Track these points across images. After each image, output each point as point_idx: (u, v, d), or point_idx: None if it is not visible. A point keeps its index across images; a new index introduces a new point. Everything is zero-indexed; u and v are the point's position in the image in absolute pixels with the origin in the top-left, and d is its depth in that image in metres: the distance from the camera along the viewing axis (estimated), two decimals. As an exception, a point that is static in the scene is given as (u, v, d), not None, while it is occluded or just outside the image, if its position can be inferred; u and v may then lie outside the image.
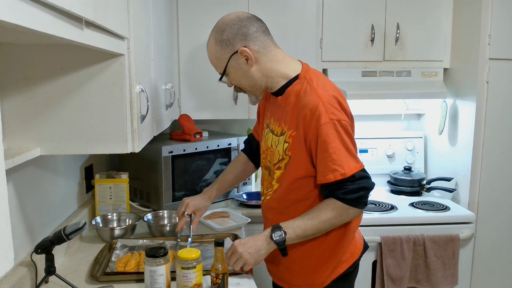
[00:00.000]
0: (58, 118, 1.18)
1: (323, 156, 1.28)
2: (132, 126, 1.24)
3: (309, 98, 1.30)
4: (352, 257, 1.44)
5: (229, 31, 1.34)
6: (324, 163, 1.28)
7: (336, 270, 1.42)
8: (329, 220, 1.31)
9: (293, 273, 1.45)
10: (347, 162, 1.27)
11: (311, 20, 2.32)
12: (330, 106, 1.28)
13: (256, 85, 1.40)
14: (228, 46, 1.35)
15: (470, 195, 2.31)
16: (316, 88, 1.32)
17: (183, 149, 2.09)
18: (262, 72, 1.38)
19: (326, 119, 1.26)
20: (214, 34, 1.38)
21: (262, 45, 1.36)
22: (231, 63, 1.37)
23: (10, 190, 1.25)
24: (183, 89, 2.32)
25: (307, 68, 1.42)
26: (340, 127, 1.27)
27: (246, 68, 1.37)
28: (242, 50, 1.33)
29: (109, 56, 1.16)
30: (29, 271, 1.29)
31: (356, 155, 1.32)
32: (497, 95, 2.23)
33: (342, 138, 1.27)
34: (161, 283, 1.25)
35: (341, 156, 1.27)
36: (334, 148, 1.27)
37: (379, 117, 2.79)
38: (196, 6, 2.26)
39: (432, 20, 2.41)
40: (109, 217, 1.86)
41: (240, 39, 1.34)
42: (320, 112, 1.27)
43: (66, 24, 0.75)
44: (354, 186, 1.28)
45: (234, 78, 1.41)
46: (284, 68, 1.39)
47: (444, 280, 2.17)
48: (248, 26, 1.35)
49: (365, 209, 2.24)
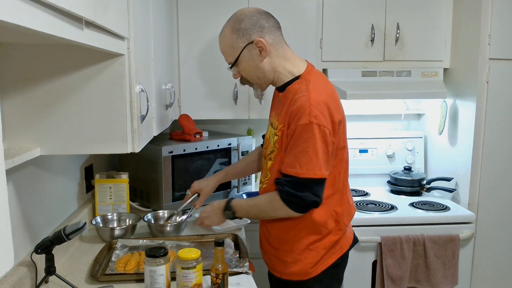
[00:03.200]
0: (58, 118, 1.18)
1: (292, 151, 1.35)
2: (132, 126, 1.24)
3: (300, 98, 1.36)
4: (341, 249, 1.51)
5: (247, 21, 1.41)
6: (290, 156, 1.36)
7: (326, 261, 1.48)
8: (266, 212, 1.45)
9: (283, 263, 1.51)
10: (308, 164, 1.32)
11: (311, 20, 2.32)
12: (316, 109, 1.32)
13: (264, 78, 1.47)
14: (244, 35, 1.41)
15: (470, 195, 2.31)
16: (310, 90, 1.37)
17: (183, 149, 2.09)
18: (272, 66, 1.45)
19: (306, 121, 1.31)
20: (231, 23, 1.44)
21: (276, 40, 1.44)
22: (244, 52, 1.42)
23: (10, 190, 1.25)
24: (183, 89, 2.32)
25: (310, 69, 1.48)
26: (318, 131, 1.32)
27: (258, 60, 1.43)
28: (258, 40, 1.40)
29: (109, 56, 1.16)
30: (29, 271, 1.29)
31: (324, 163, 1.34)
32: (497, 95, 2.23)
33: (315, 142, 1.32)
34: (161, 283, 1.25)
35: (305, 157, 1.32)
36: (303, 148, 1.32)
37: (379, 117, 2.79)
38: (196, 6, 2.26)
39: (432, 20, 2.41)
40: (109, 217, 1.86)
41: (257, 30, 1.41)
42: (304, 112, 1.32)
43: (66, 24, 0.75)
44: (293, 191, 1.34)
45: (245, 68, 1.46)
46: (291, 66, 1.46)
47: (444, 280, 2.17)
48: (266, 19, 1.43)
49: (365, 209, 2.27)
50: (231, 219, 1.56)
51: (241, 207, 1.51)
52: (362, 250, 2.18)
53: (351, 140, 2.65)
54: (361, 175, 2.67)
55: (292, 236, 1.47)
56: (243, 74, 1.48)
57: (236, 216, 1.51)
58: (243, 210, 1.51)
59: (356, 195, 2.53)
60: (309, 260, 1.47)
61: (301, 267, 1.47)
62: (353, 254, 2.17)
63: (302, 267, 1.47)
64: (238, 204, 1.51)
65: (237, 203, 1.51)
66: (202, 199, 1.73)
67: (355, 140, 2.66)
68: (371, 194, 2.55)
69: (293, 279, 1.50)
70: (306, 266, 1.47)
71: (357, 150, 2.66)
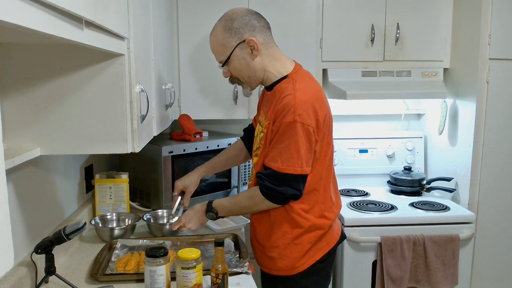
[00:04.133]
0: (58, 118, 1.18)
1: (276, 146, 1.40)
2: (132, 126, 1.24)
3: (286, 96, 1.40)
4: (328, 245, 1.54)
5: (239, 20, 1.44)
6: (273, 151, 1.41)
7: (313, 257, 1.51)
8: (247, 207, 1.49)
9: (271, 259, 1.53)
10: (289, 160, 1.37)
11: (311, 20, 2.32)
12: (300, 108, 1.36)
13: (255, 77, 1.50)
14: (236, 34, 1.44)
15: (470, 195, 2.31)
16: (296, 89, 1.41)
17: (183, 149, 2.09)
18: (262, 65, 1.48)
19: (291, 119, 1.36)
20: (222, 22, 1.46)
21: (266, 40, 1.47)
22: (236, 51, 1.45)
23: (10, 190, 1.25)
24: (183, 89, 2.32)
25: (298, 69, 1.51)
26: (302, 129, 1.36)
27: (249, 59, 1.46)
28: (250, 39, 1.43)
29: (109, 56, 1.16)
30: (29, 271, 1.29)
31: (306, 160, 1.40)
32: (497, 95, 2.23)
33: (298, 139, 1.36)
34: (161, 283, 1.25)
35: (287, 153, 1.37)
36: (286, 144, 1.37)
37: (379, 117, 2.79)
38: (196, 6, 2.26)
39: (432, 20, 2.41)
40: (109, 217, 1.86)
41: (249, 29, 1.44)
42: (289, 110, 1.36)
43: (66, 24, 0.75)
44: (272, 185, 1.40)
45: (236, 67, 1.48)
46: (279, 66, 1.50)
47: (444, 280, 2.17)
48: (257, 19, 1.46)
49: (365, 209, 2.27)
50: (214, 220, 1.58)
51: (223, 206, 1.53)
52: (362, 250, 2.18)
53: (351, 140, 2.66)
54: (361, 175, 2.67)
55: (276, 231, 1.50)
56: (233, 72, 1.50)
57: (219, 216, 1.54)
58: (225, 209, 1.53)
59: (356, 195, 2.53)
60: (294, 255, 1.49)
61: (288, 262, 1.50)
62: (353, 254, 2.18)
63: (289, 262, 1.50)
64: (219, 204, 1.53)
65: (218, 203, 1.54)
66: (188, 196, 1.75)
67: (355, 140, 2.66)
68: (371, 194, 2.55)
69: (281, 274, 1.53)
70: (292, 260, 1.50)
71: (357, 150, 2.66)
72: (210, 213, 1.53)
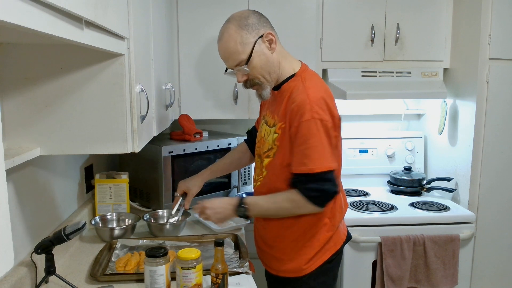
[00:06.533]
0: (58, 118, 1.18)
1: (299, 149, 1.37)
2: (132, 126, 1.24)
3: (299, 95, 1.38)
4: (335, 246, 1.53)
5: (252, 17, 1.44)
6: (298, 155, 1.37)
7: (321, 258, 1.50)
8: (287, 209, 1.43)
9: (279, 261, 1.53)
10: (318, 159, 1.35)
11: (311, 20, 2.32)
12: (316, 105, 1.35)
13: (274, 73, 1.47)
14: (254, 30, 1.43)
15: (470, 195, 2.31)
16: (307, 87, 1.40)
17: (183, 149, 2.09)
18: (278, 60, 1.48)
19: (308, 117, 1.34)
20: (235, 22, 1.44)
21: (276, 37, 1.48)
22: (256, 47, 1.43)
23: (10, 190, 1.25)
24: (183, 89, 2.32)
25: (305, 68, 1.51)
26: (321, 126, 1.35)
27: (268, 53, 1.45)
28: (268, 33, 1.44)
29: (109, 56, 1.16)
30: (29, 271, 1.29)
31: (331, 155, 1.38)
32: (497, 95, 2.23)
33: (320, 136, 1.35)
34: (161, 283, 1.25)
35: (314, 153, 1.35)
36: (310, 144, 1.35)
37: (379, 117, 2.79)
38: (196, 6, 2.26)
39: (432, 20, 2.41)
40: (109, 217, 1.86)
41: (263, 25, 1.45)
42: (305, 109, 1.35)
43: (66, 24, 0.75)
44: (315, 185, 1.36)
45: (257, 64, 1.44)
46: (287, 64, 1.50)
47: (444, 280, 2.17)
48: (264, 18, 1.48)
49: (365, 209, 2.27)
50: (241, 217, 1.51)
51: (257, 205, 1.47)
52: (362, 250, 2.18)
53: (351, 140, 2.66)
54: (361, 175, 2.67)
55: (290, 234, 1.49)
56: (254, 72, 1.44)
57: (248, 214, 1.46)
58: (261, 208, 1.47)
59: (356, 195, 2.53)
60: (304, 257, 1.49)
61: (296, 264, 1.49)
62: (353, 254, 2.18)
63: (297, 264, 1.49)
64: (253, 202, 1.47)
65: (252, 200, 1.47)
66: (190, 198, 1.74)
67: (355, 140, 2.66)
68: (371, 194, 2.55)
69: (289, 276, 1.52)
70: (301, 262, 1.49)
71: (357, 150, 2.66)
72: (241, 208, 1.45)
